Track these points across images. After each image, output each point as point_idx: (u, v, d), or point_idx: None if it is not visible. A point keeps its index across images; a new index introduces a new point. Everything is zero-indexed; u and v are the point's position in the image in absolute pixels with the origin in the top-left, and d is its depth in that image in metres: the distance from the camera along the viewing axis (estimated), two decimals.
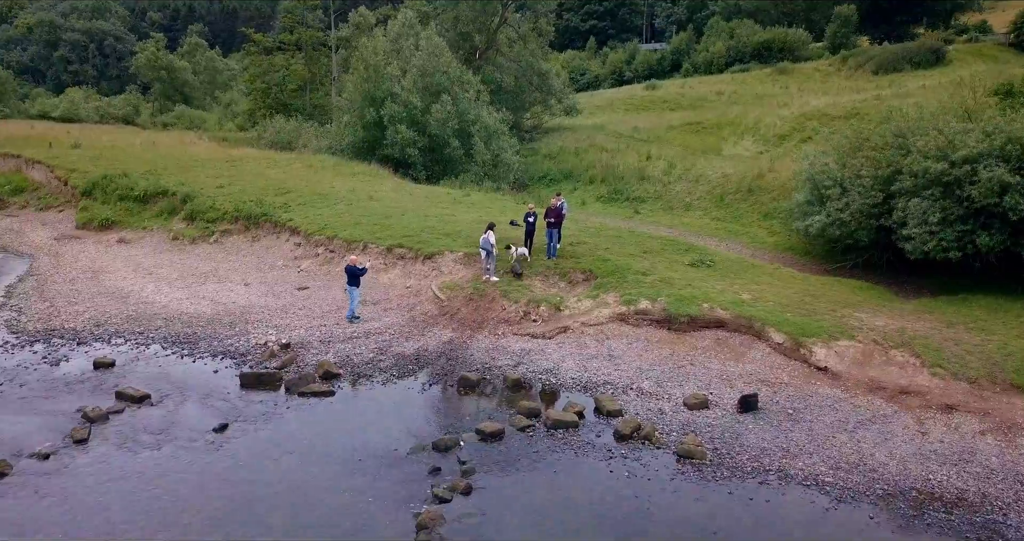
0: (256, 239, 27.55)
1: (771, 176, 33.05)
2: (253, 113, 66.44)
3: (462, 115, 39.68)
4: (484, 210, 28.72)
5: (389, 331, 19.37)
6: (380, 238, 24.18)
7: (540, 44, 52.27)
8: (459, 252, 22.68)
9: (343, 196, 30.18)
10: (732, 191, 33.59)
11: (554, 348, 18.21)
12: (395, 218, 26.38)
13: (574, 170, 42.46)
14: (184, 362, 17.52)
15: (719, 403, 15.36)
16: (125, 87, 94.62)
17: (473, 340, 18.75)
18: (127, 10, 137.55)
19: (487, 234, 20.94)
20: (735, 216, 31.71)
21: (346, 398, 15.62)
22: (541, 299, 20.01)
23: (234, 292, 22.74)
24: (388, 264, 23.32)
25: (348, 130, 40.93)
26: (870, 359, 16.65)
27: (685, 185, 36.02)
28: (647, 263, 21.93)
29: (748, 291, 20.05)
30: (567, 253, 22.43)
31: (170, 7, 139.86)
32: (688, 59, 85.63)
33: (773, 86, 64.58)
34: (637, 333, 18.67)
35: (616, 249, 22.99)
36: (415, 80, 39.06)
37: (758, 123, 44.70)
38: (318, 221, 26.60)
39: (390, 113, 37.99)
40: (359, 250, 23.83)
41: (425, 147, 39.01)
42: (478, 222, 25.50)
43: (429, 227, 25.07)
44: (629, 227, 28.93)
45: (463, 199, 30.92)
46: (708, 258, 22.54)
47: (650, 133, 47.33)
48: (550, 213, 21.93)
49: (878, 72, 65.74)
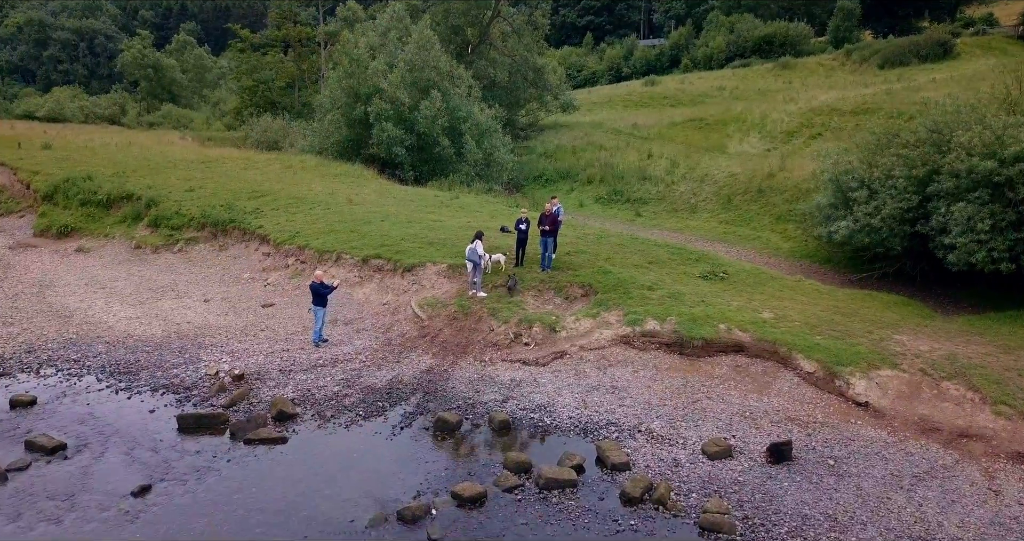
0: (223, 248, 24.90)
1: (782, 176, 30.41)
2: (240, 112, 63.86)
3: (452, 112, 37.02)
4: (473, 214, 26.08)
5: (360, 357, 16.74)
6: (355, 248, 21.52)
7: (535, 38, 49.54)
8: (443, 264, 20.05)
9: (321, 200, 27.53)
10: (740, 192, 30.95)
11: (549, 377, 15.59)
12: (374, 224, 23.73)
13: (571, 169, 39.83)
14: (118, 399, 14.87)
15: (744, 450, 12.74)
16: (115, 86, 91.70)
17: (456, 368, 16.12)
18: (119, 9, 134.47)
19: (474, 244, 18.32)
20: (745, 219, 29.08)
21: (300, 446, 12.98)
22: (534, 318, 17.37)
23: (191, 310, 20.09)
24: (363, 278, 20.67)
25: (332, 128, 38.23)
26: (918, 393, 14.04)
27: (689, 185, 33.38)
28: (653, 275, 19.30)
29: (769, 308, 17.43)
30: (564, 264, 19.80)
31: (162, 5, 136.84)
32: (687, 54, 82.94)
33: (775, 81, 61.95)
34: (644, 359, 16.06)
35: (618, 259, 20.36)
36: (403, 75, 36.36)
37: (764, 119, 42.05)
38: (290, 228, 23.95)
39: (376, 110, 35.30)
40: (331, 262, 21.20)
41: (413, 146, 36.35)
42: (466, 229, 22.89)
43: (411, 235, 22.42)
44: (631, 232, 26.29)
45: (451, 202, 28.26)
46: (721, 269, 19.91)
47: (651, 130, 44.68)
48: (544, 219, 19.30)
49: (884, 66, 63.15)
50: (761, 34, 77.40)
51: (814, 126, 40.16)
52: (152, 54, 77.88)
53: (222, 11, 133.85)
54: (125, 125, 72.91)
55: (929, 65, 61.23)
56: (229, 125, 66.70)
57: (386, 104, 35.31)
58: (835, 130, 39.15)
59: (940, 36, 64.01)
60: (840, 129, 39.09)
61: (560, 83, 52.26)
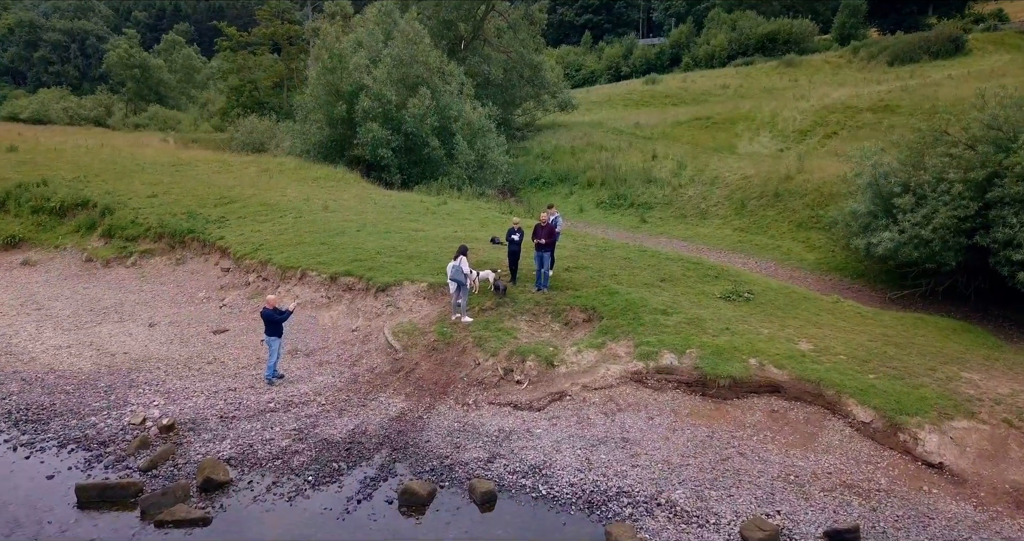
0: (180, 261, 21.98)
1: (801, 178, 27.50)
2: (227, 113, 60.97)
3: (443, 110, 34.11)
4: (461, 223, 23.18)
5: (319, 399, 13.82)
6: (324, 263, 18.59)
7: (532, 33, 46.61)
8: (422, 282, 17.12)
9: (294, 207, 24.61)
10: (755, 196, 28.04)
11: (545, 426, 12.69)
12: (348, 235, 20.81)
13: (570, 171, 36.93)
14: (15, 458, 11.95)
15: (796, 535, 9.83)
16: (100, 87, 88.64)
17: (432, 414, 13.21)
18: (111, 10, 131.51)
19: (458, 261, 15.42)
20: (761, 226, 26.17)
21: (225, 530, 10.06)
22: (528, 350, 14.45)
23: (133, 337, 17.17)
24: (331, 298, 17.74)
25: (313, 129, 35.30)
26: (1005, 451, 11.16)
27: (699, 188, 30.48)
28: (667, 296, 16.39)
29: (806, 337, 14.53)
30: (562, 283, 16.90)
31: (155, 6, 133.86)
32: (688, 53, 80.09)
33: (780, 79, 59.16)
34: (660, 401, 13.17)
35: (626, 276, 17.45)
36: (389, 71, 33.43)
37: (775, 117, 39.17)
38: (254, 239, 21.03)
39: (361, 108, 32.38)
40: (294, 280, 18.30)
41: (401, 147, 33.41)
42: (451, 240, 19.99)
43: (390, 247, 19.50)
44: (638, 243, 23.41)
45: (438, 208, 25.34)
46: (745, 288, 17.00)
47: (654, 129, 41.78)
48: (539, 231, 16.39)
49: (894, 63, 60.37)
50: (764, 31, 74.62)
51: (828, 124, 37.29)
52: (139, 54, 74.82)
53: (216, 12, 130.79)
54: (110, 127, 69.98)
55: (940, 62, 58.51)
56: (217, 127, 63.86)
57: (372, 102, 32.39)
58: (852, 128, 36.31)
59: (951, 32, 61.18)
60: (858, 127, 36.27)
61: (558, 81, 49.37)
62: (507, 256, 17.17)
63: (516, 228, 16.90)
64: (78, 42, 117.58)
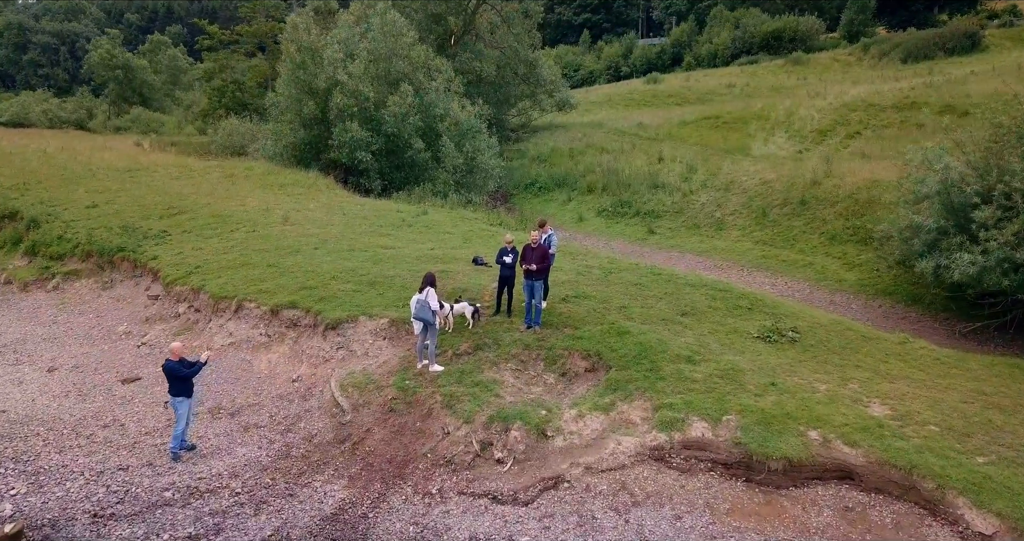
0: (108, 285, 18.38)
1: (830, 183, 23.88)
2: (209, 114, 57.44)
3: (427, 109, 30.52)
4: (441, 238, 19.58)
5: (234, 484, 10.21)
6: (267, 291, 14.97)
7: (527, 28, 43.00)
8: (382, 318, 13.50)
9: (249, 219, 21.00)
10: (778, 203, 24.42)
11: (534, 532, 9.09)
12: (304, 255, 17.18)
13: (568, 176, 33.34)
14: None
15: None
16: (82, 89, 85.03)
17: (382, 509, 9.60)
18: (102, 11, 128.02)
19: (424, 294, 11.83)
20: (787, 239, 22.54)
21: None
22: (513, 414, 10.83)
23: (23, 385, 13.55)
24: (271, 337, 14.13)
25: (286, 130, 31.71)
26: None
27: (712, 195, 26.86)
28: (691, 336, 12.77)
29: (878, 396, 10.93)
30: (558, 318, 13.30)
31: (147, 8, 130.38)
32: (690, 52, 76.57)
33: (788, 78, 55.75)
34: (689, 490, 9.59)
35: (637, 308, 13.82)
36: (366, 66, 29.83)
37: (790, 116, 35.57)
38: (192, 260, 17.41)
39: (336, 106, 28.79)
40: (228, 312, 14.66)
41: (381, 149, 29.81)
42: (427, 260, 16.42)
43: (349, 270, 15.87)
44: (645, 257, 19.85)
45: (416, 220, 21.73)
46: (788, 324, 13.37)
47: (659, 130, 38.17)
48: (529, 255, 12.81)
49: (907, 60, 56.99)
50: (769, 29, 71.10)
51: (850, 123, 33.68)
52: (122, 54, 71.16)
53: (208, 13, 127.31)
54: (91, 130, 66.44)
55: (956, 58, 55.15)
56: (201, 129, 60.39)
57: (347, 99, 28.80)
58: (876, 128, 32.72)
59: (967, 28, 57.74)
60: (882, 126, 32.68)
61: (555, 79, 45.77)
62: (497, 282, 13.61)
63: (509, 248, 13.31)
64: (68, 44, 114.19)
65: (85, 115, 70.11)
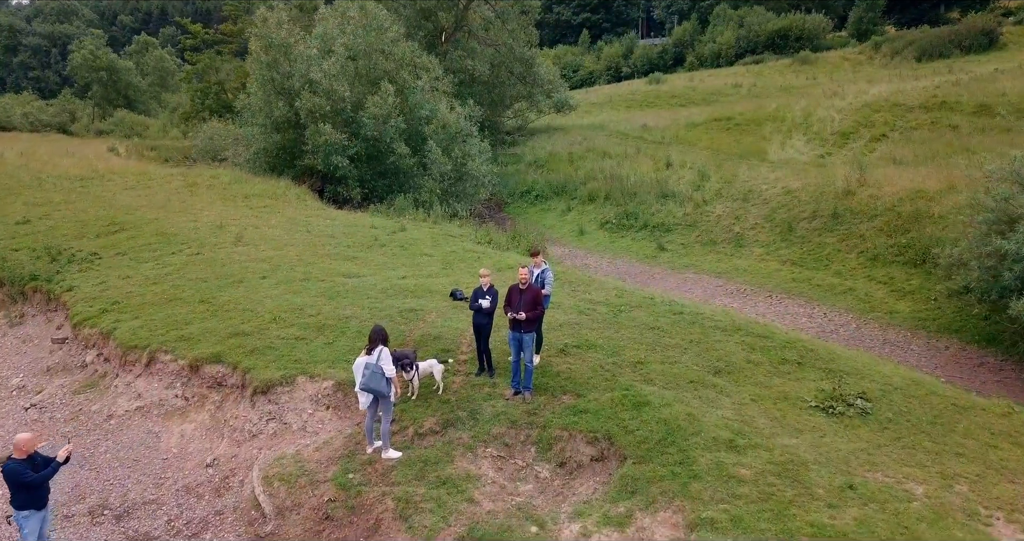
0: (18, 321, 15.19)
1: (865, 194, 20.68)
2: (192, 117, 54.30)
3: (412, 110, 27.36)
4: (417, 261, 16.37)
5: None
6: (190, 338, 11.76)
7: (523, 24, 39.81)
8: (326, 380, 10.29)
9: (195, 238, 17.80)
10: (806, 217, 21.21)
11: None
12: (247, 286, 13.98)
13: (568, 183, 30.14)
14: None
15: None
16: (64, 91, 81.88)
17: None
18: (96, 13, 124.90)
19: (374, 355, 8.68)
20: (819, 258, 19.32)
21: None
22: (492, 531, 7.64)
23: None
24: (189, 400, 10.92)
25: (256, 133, 28.52)
26: None
27: (728, 206, 23.66)
28: (730, 406, 9.57)
29: (997, 504, 7.73)
30: (554, 380, 10.10)
31: (141, 9, 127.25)
32: (692, 51, 73.31)
33: (797, 77, 52.63)
34: None
35: (657, 364, 10.62)
36: (343, 64, 26.65)
37: (808, 117, 32.37)
38: (114, 292, 14.21)
39: (306, 107, 25.62)
40: (138, 367, 11.46)
41: (360, 155, 26.65)
42: (394, 294, 13.25)
43: (296, 308, 12.66)
44: (658, 281, 16.68)
45: (390, 238, 18.52)
46: (853, 387, 10.16)
47: (665, 132, 34.98)
48: (515, 298, 9.63)
49: (921, 58, 53.81)
50: (775, 28, 67.95)
51: (874, 125, 30.49)
52: (105, 55, 67.99)
53: (203, 15, 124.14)
54: (73, 133, 63.34)
55: (974, 56, 52.08)
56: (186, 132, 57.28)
57: (320, 99, 25.63)
58: (904, 130, 29.54)
59: (984, 25, 54.55)
60: (911, 128, 29.50)
61: (554, 79, 42.57)
62: (473, 331, 10.42)
63: (485, 288, 10.11)
64: (59, 47, 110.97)
65: (68, 118, 66.97)
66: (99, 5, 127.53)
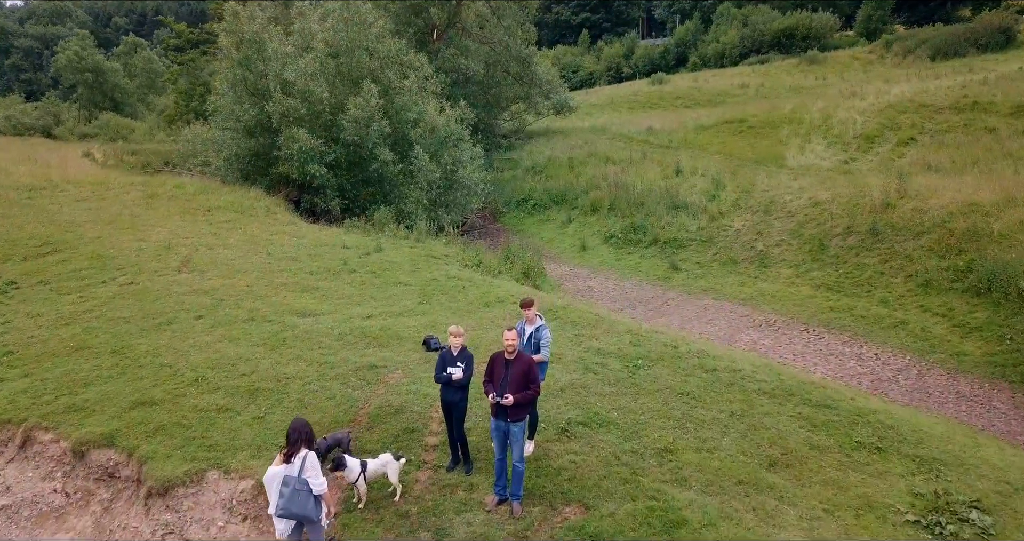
0: None
1: (908, 206, 17.91)
2: (176, 120, 51.65)
3: (398, 112, 24.60)
4: (389, 293, 13.59)
5: None
6: (82, 408, 8.99)
7: (520, 20, 37.05)
8: (244, 478, 7.51)
9: (136, 262, 15.05)
10: (839, 232, 18.43)
11: None
12: (177, 328, 11.21)
13: (568, 191, 27.39)
14: None
15: None
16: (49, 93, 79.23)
17: None
18: (90, 15, 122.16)
19: (298, 462, 5.93)
20: (858, 282, 16.54)
21: None
22: None
23: None
24: (70, 496, 8.16)
25: (227, 138, 25.76)
26: None
27: (749, 219, 20.90)
28: (794, 523, 6.79)
29: None
30: (552, 480, 7.33)
31: (136, 11, 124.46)
32: (695, 51, 70.56)
33: (805, 77, 50.03)
34: None
35: (690, 450, 7.84)
36: (321, 61, 23.91)
37: (827, 119, 29.60)
38: (14, 336, 11.42)
39: (277, 110, 22.87)
40: (8, 450, 8.71)
41: (340, 162, 23.92)
42: (355, 340, 10.48)
43: (229, 362, 9.89)
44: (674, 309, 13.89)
45: (363, 261, 15.74)
46: (961, 492, 7.41)
47: (672, 136, 32.21)
48: (499, 372, 6.89)
49: (936, 57, 51.09)
50: (781, 27, 65.18)
51: (901, 127, 27.71)
52: (91, 56, 65.23)
53: (198, 16, 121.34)
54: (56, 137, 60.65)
55: (991, 55, 49.40)
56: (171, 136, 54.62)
57: (295, 101, 22.89)
58: (934, 133, 26.76)
59: (1000, 22, 51.81)
60: (942, 131, 26.73)
61: (553, 79, 39.81)
62: (442, 407, 7.64)
63: (456, 351, 7.35)
64: (51, 49, 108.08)
65: (52, 121, 64.22)
66: (93, 6, 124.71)
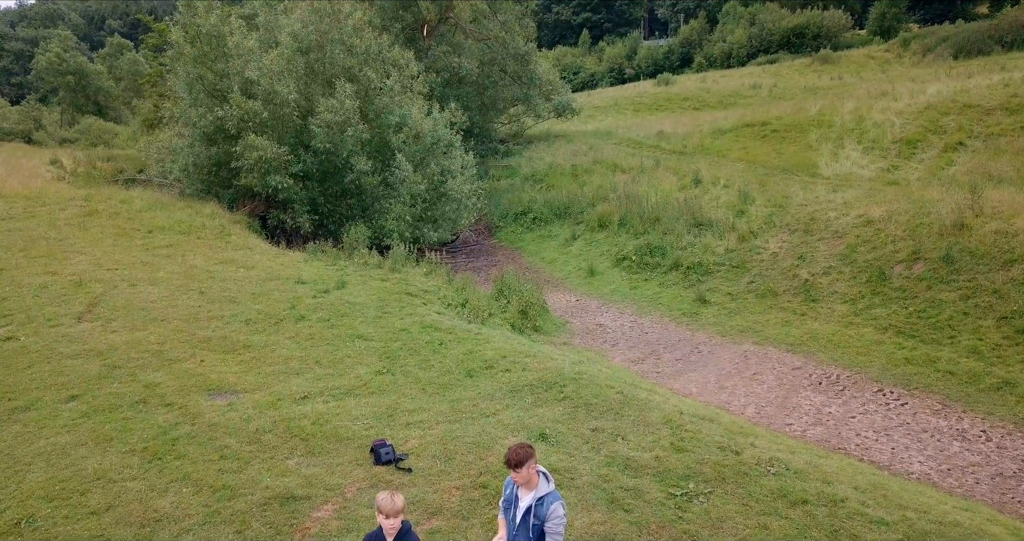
0: None
1: (987, 229, 14.54)
2: (153, 125, 48.26)
3: (379, 116, 21.28)
4: (345, 349, 10.20)
5: None
6: None
7: (517, 15, 33.74)
8: None
9: (32, 305, 11.70)
10: (902, 259, 15.06)
11: None
12: (32, 419, 7.84)
13: (572, 203, 24.04)
14: None
15: None
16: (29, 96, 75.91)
17: None
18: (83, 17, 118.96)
19: None
20: (937, 325, 13.16)
21: None
22: None
23: None
24: None
25: (183, 146, 22.43)
26: None
27: (786, 239, 17.52)
28: None
29: None
30: None
31: (131, 13, 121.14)
32: (701, 51, 67.25)
33: (820, 77, 46.77)
34: None
35: None
36: (289, 58, 20.59)
37: (861, 122, 26.23)
38: None
39: (237, 114, 19.53)
40: None
41: (310, 172, 20.61)
42: (277, 441, 6.98)
43: (81, 486, 6.54)
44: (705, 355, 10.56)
45: (319, 301, 12.37)
46: None
47: (686, 140, 28.85)
48: None
49: (958, 56, 47.76)
50: (790, 25, 61.96)
51: (946, 131, 24.35)
52: (74, 59, 61.95)
53: None
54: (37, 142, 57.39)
55: (1016, 52, 46.06)
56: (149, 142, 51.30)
57: (256, 104, 19.56)
58: (986, 137, 23.40)
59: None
60: (995, 135, 23.36)
61: (553, 79, 36.50)
62: None
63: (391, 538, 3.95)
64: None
65: (33, 125, 60.97)
66: (87, 9, 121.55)
